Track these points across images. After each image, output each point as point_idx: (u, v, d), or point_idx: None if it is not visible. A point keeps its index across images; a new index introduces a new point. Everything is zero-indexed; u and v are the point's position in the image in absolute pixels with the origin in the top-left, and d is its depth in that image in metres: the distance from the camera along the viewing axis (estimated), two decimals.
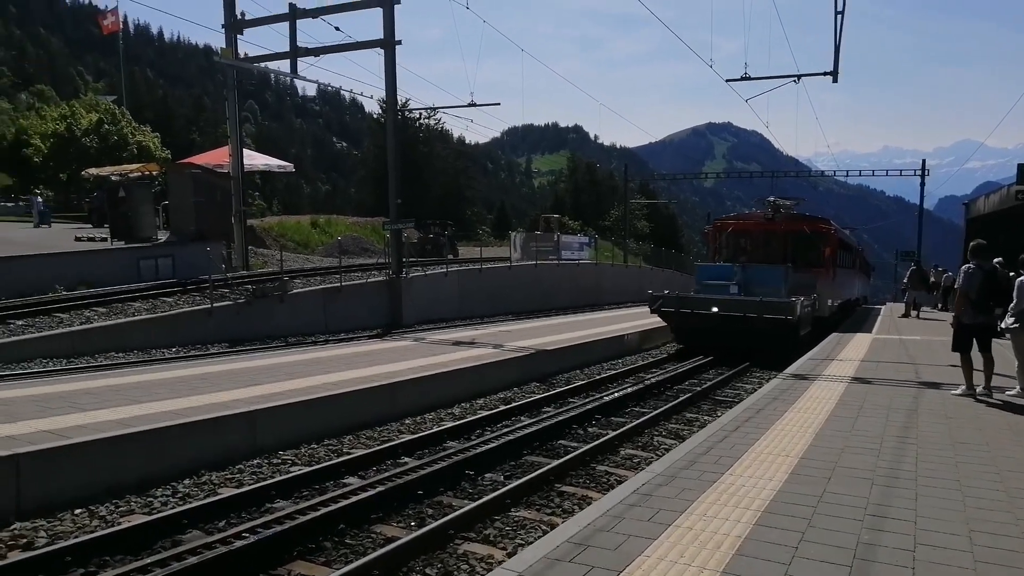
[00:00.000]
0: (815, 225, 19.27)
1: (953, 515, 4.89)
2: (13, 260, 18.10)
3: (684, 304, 16.33)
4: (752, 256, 19.19)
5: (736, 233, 20.16)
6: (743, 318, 15.35)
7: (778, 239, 19.10)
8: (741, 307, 15.58)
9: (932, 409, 8.50)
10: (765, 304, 15.21)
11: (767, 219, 19.31)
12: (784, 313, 15.05)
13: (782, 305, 15.21)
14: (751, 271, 17.06)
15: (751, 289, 16.46)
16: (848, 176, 49.71)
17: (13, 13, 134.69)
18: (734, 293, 16.47)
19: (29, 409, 7.78)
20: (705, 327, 16.05)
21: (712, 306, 15.83)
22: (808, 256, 18.79)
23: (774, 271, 16.95)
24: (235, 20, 23.76)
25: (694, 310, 16.11)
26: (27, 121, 59.04)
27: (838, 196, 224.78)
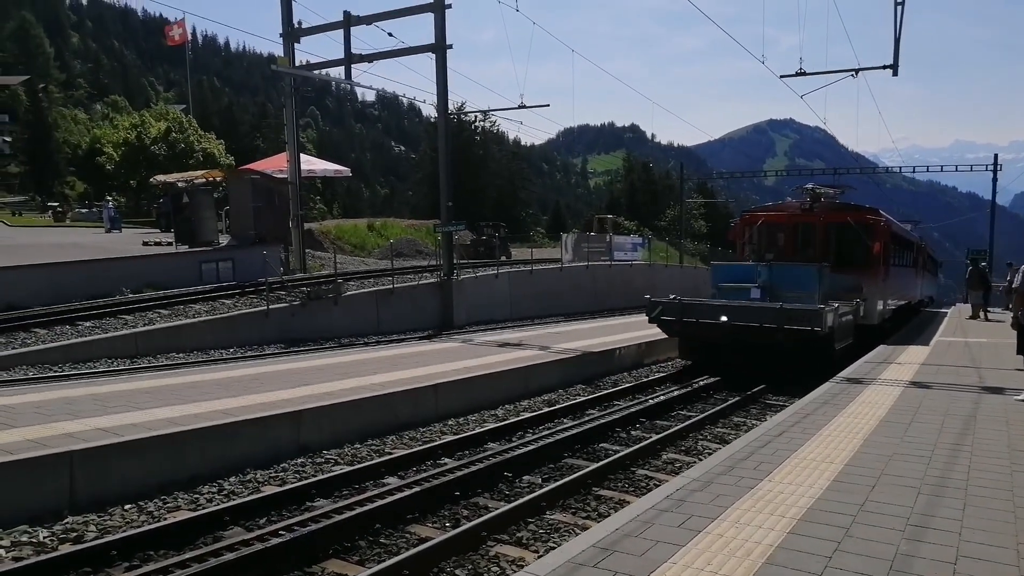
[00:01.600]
0: (861, 216, 16.24)
1: (1002, 526, 4.66)
2: (84, 264, 18.94)
3: (688, 312, 13.50)
4: (785, 254, 16.57)
5: (767, 227, 17.24)
6: (759, 330, 12.59)
7: (816, 233, 16.43)
8: (755, 316, 12.68)
9: (992, 415, 8.12)
10: (785, 312, 12.35)
11: (803, 210, 16.65)
12: (809, 323, 12.13)
13: (806, 314, 12.22)
14: (778, 271, 14.36)
15: (778, 293, 13.88)
16: (916, 172, 47.84)
17: (89, 28, 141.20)
18: (756, 298, 13.87)
19: (89, 407, 8.13)
20: (715, 341, 13.52)
21: (721, 315, 12.98)
22: (853, 253, 16.11)
23: (806, 271, 14.28)
24: (292, 29, 24.39)
25: (700, 319, 13.32)
26: (101, 130, 61.83)
27: (906, 193, 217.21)
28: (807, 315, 12.21)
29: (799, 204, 17.10)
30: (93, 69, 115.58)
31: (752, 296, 13.99)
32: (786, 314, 12.34)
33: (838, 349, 13.37)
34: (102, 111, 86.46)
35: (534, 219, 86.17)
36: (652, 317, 13.97)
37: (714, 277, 15.43)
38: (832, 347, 13.04)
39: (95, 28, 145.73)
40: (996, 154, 40.24)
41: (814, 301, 13.18)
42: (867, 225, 16.07)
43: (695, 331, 13.65)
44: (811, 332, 12.09)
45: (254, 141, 78.96)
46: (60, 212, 46.07)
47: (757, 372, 12.90)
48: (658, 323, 14.06)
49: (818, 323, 12.10)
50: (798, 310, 12.34)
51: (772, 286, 14.12)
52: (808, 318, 12.19)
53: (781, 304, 12.61)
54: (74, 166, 68.29)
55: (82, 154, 64.20)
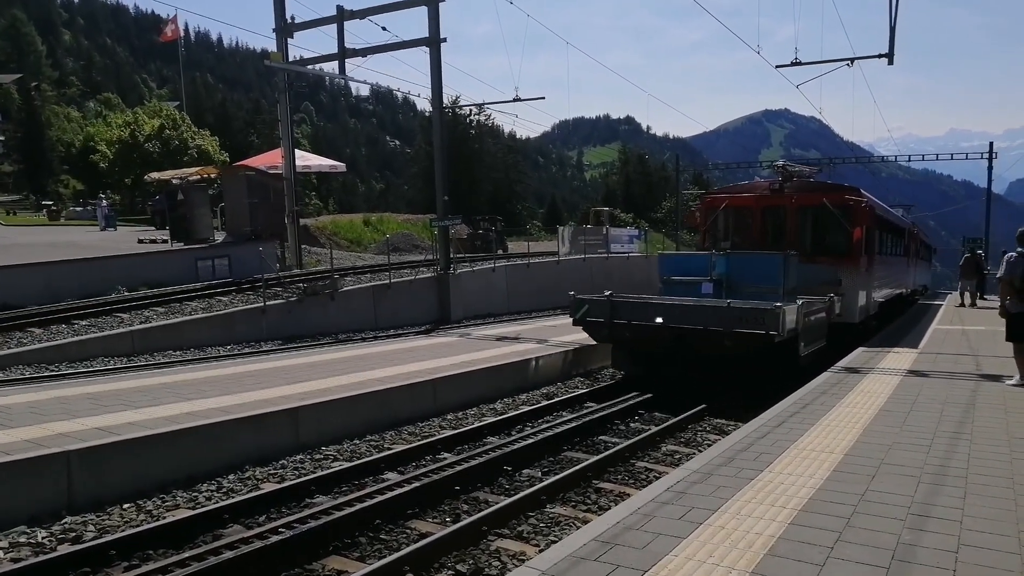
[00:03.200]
0: (838, 196, 14.06)
1: (1003, 514, 4.65)
2: (79, 263, 18.86)
3: (618, 312, 11.20)
4: (753, 241, 14.61)
5: (732, 211, 15.15)
6: (702, 334, 10.35)
7: (788, 217, 14.36)
8: (697, 317, 10.44)
9: (991, 403, 8.13)
10: (733, 312, 10.15)
11: (773, 191, 14.55)
12: (763, 325, 9.87)
13: (759, 314, 9.94)
14: (737, 262, 12.33)
15: (736, 288, 12.05)
16: (911, 161, 47.78)
17: (81, 25, 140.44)
18: (707, 293, 12.02)
19: (84, 406, 8.09)
20: (653, 347, 11.25)
21: (656, 315, 10.76)
22: (830, 239, 14.18)
23: (768, 261, 12.17)
24: (285, 24, 24.24)
25: (632, 321, 11.03)
26: (94, 128, 61.56)
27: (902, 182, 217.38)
28: (760, 315, 9.91)
29: (768, 184, 15.07)
30: (85, 67, 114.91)
31: (703, 291, 12.05)
32: (735, 314, 10.09)
33: (806, 355, 11.22)
34: (95, 109, 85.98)
35: (530, 212, 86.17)
36: (577, 319, 11.66)
37: (661, 269, 13.24)
38: (797, 354, 10.82)
39: (87, 25, 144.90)
40: (991, 142, 40.26)
41: (778, 297, 11.32)
42: (846, 207, 13.91)
43: (627, 336, 11.30)
44: (766, 336, 9.83)
45: (248, 137, 78.73)
46: (54, 211, 45.95)
47: (705, 386, 10.81)
48: (584, 326, 11.77)
49: (774, 325, 9.76)
50: (749, 309, 10.05)
51: (729, 280, 12.17)
52: (761, 319, 9.89)
53: (728, 302, 10.43)
54: (68, 164, 68.11)
55: (76, 152, 63.98)
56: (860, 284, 14.23)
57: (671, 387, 10.97)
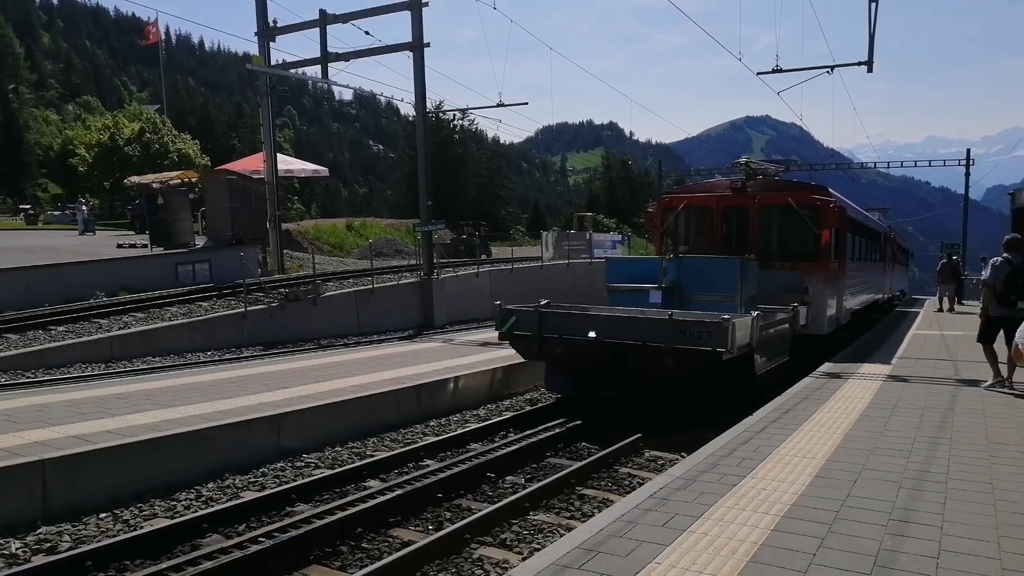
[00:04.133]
0: (805, 196, 13.00)
1: (983, 519, 4.69)
2: (56, 267, 18.60)
3: (548, 325, 9.76)
4: (712, 245, 13.48)
5: (690, 212, 14.03)
6: (640, 351, 8.96)
7: (750, 219, 13.31)
8: (634, 330, 9.06)
9: (969, 407, 8.21)
10: (675, 326, 8.75)
11: (734, 190, 13.47)
12: (709, 340, 8.55)
13: (704, 328, 8.64)
14: (689, 267, 11.21)
15: (688, 296, 11.00)
16: (890, 167, 48.43)
17: (60, 27, 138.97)
18: (656, 303, 10.80)
19: (61, 414, 7.96)
20: (589, 366, 9.77)
21: (588, 328, 9.34)
22: (795, 243, 13.17)
23: (724, 266, 11.05)
24: (267, 27, 24.13)
25: (564, 335, 9.60)
26: (73, 132, 60.92)
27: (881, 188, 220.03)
28: (705, 329, 8.60)
29: (729, 183, 13.91)
30: (64, 69, 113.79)
31: (651, 301, 10.86)
32: (677, 328, 8.71)
33: (763, 372, 9.97)
34: (74, 112, 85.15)
35: (514, 217, 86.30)
36: (503, 333, 10.17)
37: (608, 275, 12.16)
38: (752, 373, 9.53)
39: (66, 28, 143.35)
40: (968, 149, 40.84)
41: (734, 307, 10.32)
42: (812, 207, 12.82)
43: (559, 353, 9.81)
44: (712, 353, 8.48)
45: (230, 141, 78.25)
46: (32, 215, 45.33)
47: (646, 411, 9.69)
48: (511, 342, 10.32)
49: (722, 340, 8.43)
50: (693, 322, 8.75)
51: (681, 288, 11.07)
52: (707, 333, 8.57)
53: (670, 313, 9.02)
54: (46, 168, 67.34)
55: (54, 156, 63.32)
56: (829, 292, 13.03)
57: (607, 412, 9.85)
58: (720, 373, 8.97)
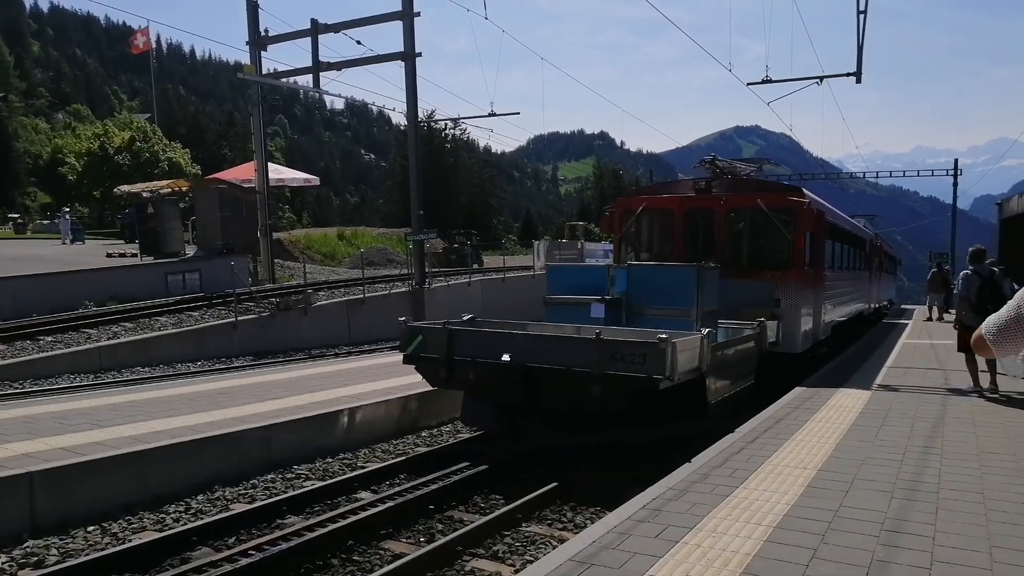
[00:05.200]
0: (776, 197, 11.71)
1: (974, 530, 4.70)
2: (44, 277, 18.49)
3: (458, 346, 8.17)
4: (674, 251, 12.19)
5: (651, 215, 12.76)
6: (563, 377, 7.44)
7: (716, 223, 12.04)
8: (555, 352, 7.62)
9: (960, 417, 8.25)
10: (604, 348, 7.24)
11: (698, 191, 12.23)
12: (643, 365, 7.05)
13: (635, 350, 7.15)
14: (640, 276, 9.91)
15: (638, 309, 9.70)
16: (879, 177, 48.90)
17: (50, 36, 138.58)
18: (598, 318, 9.47)
19: (49, 426, 7.89)
20: (506, 396, 8.16)
21: (503, 350, 7.77)
22: (766, 249, 11.97)
23: (678, 275, 9.65)
24: (259, 37, 24.16)
25: (476, 358, 8.04)
26: (63, 140, 60.68)
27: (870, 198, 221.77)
28: (639, 351, 7.07)
29: (693, 183, 12.60)
30: (54, 78, 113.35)
31: (593, 316, 9.51)
32: (604, 350, 7.18)
33: (720, 400, 8.55)
34: (64, 120, 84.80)
35: (505, 226, 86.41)
36: (408, 355, 8.57)
37: (549, 286, 10.79)
38: (703, 401, 8.02)
39: (56, 36, 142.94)
40: (956, 159, 41.24)
41: (689, 322, 9.05)
42: (785, 209, 11.50)
43: (471, 379, 8.22)
44: (647, 380, 6.96)
45: (221, 150, 78.10)
46: (21, 224, 45.05)
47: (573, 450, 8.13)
48: (417, 366, 8.65)
49: (658, 364, 6.93)
50: (625, 343, 7.29)
51: (630, 300, 9.78)
52: (640, 357, 7.04)
53: (598, 332, 7.45)
54: (35, 177, 66.93)
55: (43, 164, 62.98)
56: (804, 304, 11.72)
57: (531, 451, 8.22)
58: (660, 403, 7.42)
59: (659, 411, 7.58)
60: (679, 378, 7.18)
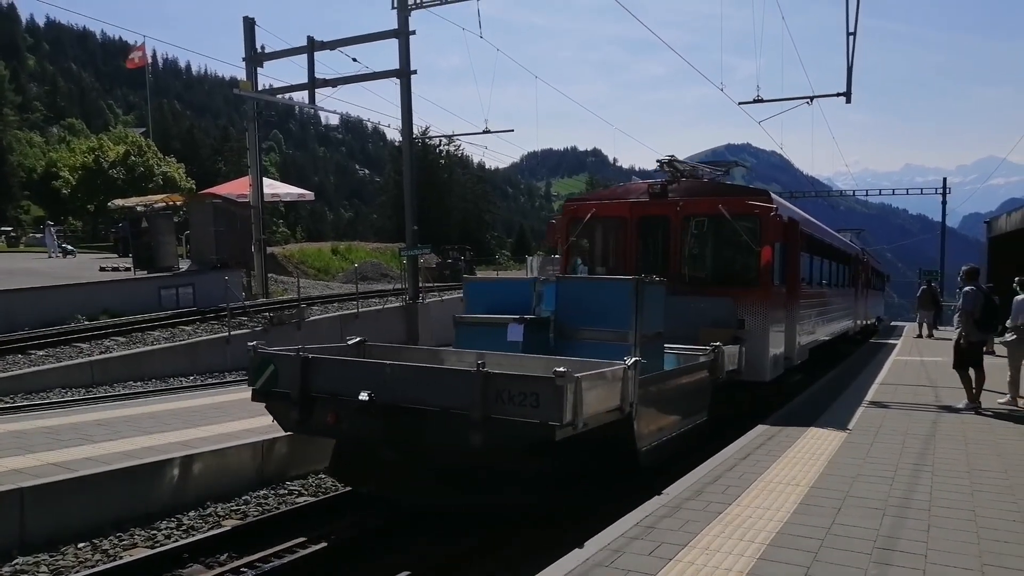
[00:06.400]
0: (740, 203, 10.34)
1: (966, 547, 4.73)
2: (37, 291, 18.42)
3: (315, 379, 6.44)
4: (624, 264, 10.94)
5: (600, 223, 11.44)
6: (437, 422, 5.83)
7: (672, 231, 10.74)
8: (424, 390, 5.92)
9: (950, 434, 8.29)
10: (482, 386, 5.57)
11: (653, 195, 10.91)
12: (531, 408, 5.44)
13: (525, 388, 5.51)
14: (570, 291, 8.48)
15: (570, 332, 8.24)
16: (869, 195, 49.33)
17: (46, 50, 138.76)
18: (516, 340, 7.97)
19: (40, 441, 7.84)
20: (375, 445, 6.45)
21: (361, 385, 6.04)
22: (728, 261, 10.80)
23: (614, 291, 8.08)
24: (255, 54, 24.28)
25: (338, 395, 6.27)
26: (57, 154, 60.60)
27: (860, 215, 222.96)
28: (529, 390, 5.46)
29: (647, 187, 11.22)
30: (50, 92, 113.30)
31: (510, 339, 7.99)
32: (488, 387, 5.54)
33: (654, 447, 7.04)
34: (59, 134, 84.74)
35: (499, 242, 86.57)
36: (257, 389, 6.80)
37: (467, 303, 9.34)
38: (631, 449, 6.56)
39: (52, 51, 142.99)
40: (944, 178, 41.66)
41: (625, 348, 7.45)
42: (749, 216, 10.23)
43: (328, 423, 6.30)
44: (541, 428, 5.34)
45: (216, 165, 78.10)
46: (14, 237, 44.92)
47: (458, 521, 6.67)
48: (267, 403, 6.81)
49: (553, 408, 5.32)
50: (513, 379, 5.64)
51: (560, 319, 8.36)
52: (532, 397, 5.43)
53: (480, 363, 5.71)
54: (29, 190, 66.75)
55: (37, 178, 62.87)
56: (774, 325, 10.34)
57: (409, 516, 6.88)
58: (568, 457, 5.96)
59: (567, 466, 6.12)
60: (588, 423, 5.61)
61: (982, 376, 9.95)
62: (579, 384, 5.49)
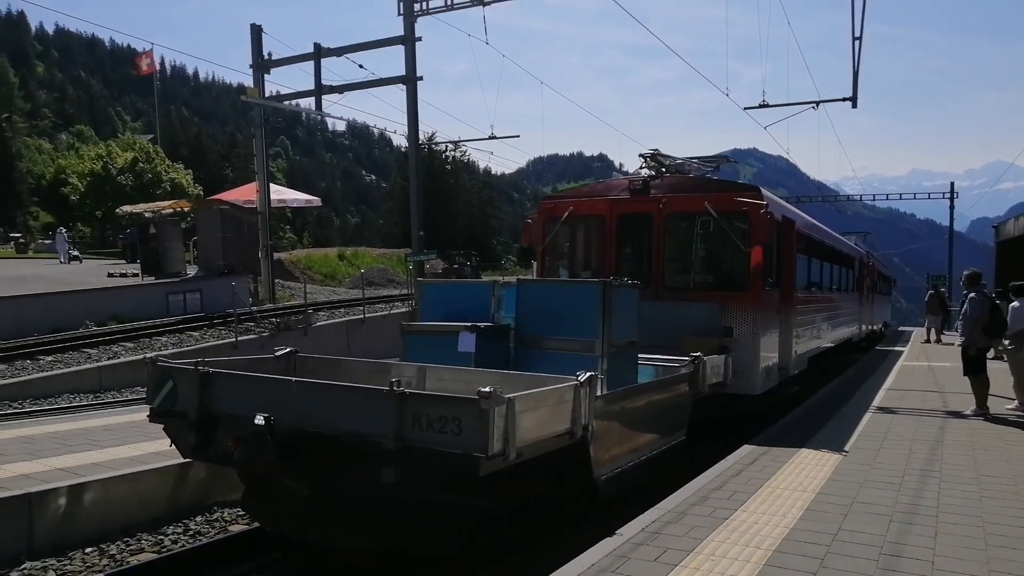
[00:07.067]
0: (727, 199, 9.54)
1: (973, 554, 4.71)
2: (46, 297, 18.52)
3: (215, 398, 5.42)
4: (603, 266, 10.20)
5: (580, 222, 10.76)
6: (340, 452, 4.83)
7: (653, 231, 10.01)
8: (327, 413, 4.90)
9: (958, 440, 8.26)
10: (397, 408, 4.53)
11: (634, 191, 10.13)
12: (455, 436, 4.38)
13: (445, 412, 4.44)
14: (533, 295, 7.51)
15: (532, 341, 7.30)
16: (876, 200, 49.20)
17: (55, 57, 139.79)
18: (469, 353, 7.02)
19: (48, 446, 7.88)
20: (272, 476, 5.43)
21: (257, 406, 5.00)
22: (716, 263, 10.10)
23: (579, 295, 7.14)
24: (262, 60, 24.40)
25: (237, 417, 5.14)
26: (66, 161, 61.03)
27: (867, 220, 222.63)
28: (450, 415, 4.47)
29: (628, 183, 10.42)
30: (59, 99, 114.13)
31: (461, 349, 7.06)
32: (404, 409, 4.59)
33: (616, 473, 6.14)
34: (67, 141, 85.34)
35: (505, 247, 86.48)
36: (155, 409, 5.78)
37: (420, 309, 8.35)
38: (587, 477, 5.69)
39: (61, 58, 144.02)
40: (952, 182, 41.54)
41: (594, 358, 6.72)
42: (738, 214, 9.46)
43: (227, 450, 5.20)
44: (462, 461, 4.40)
45: (223, 171, 78.43)
46: (23, 243, 45.22)
47: None
48: (166, 423, 5.78)
49: (477, 437, 4.35)
50: (432, 400, 4.75)
51: (522, 327, 7.44)
52: (454, 422, 4.45)
53: (393, 382, 4.65)
54: (38, 197, 67.23)
55: (46, 184, 63.32)
56: (765, 332, 9.57)
57: None
58: (505, 490, 5.06)
59: (505, 502, 5.25)
60: (525, 452, 4.67)
61: (986, 380, 9.98)
62: (511, 406, 4.49)
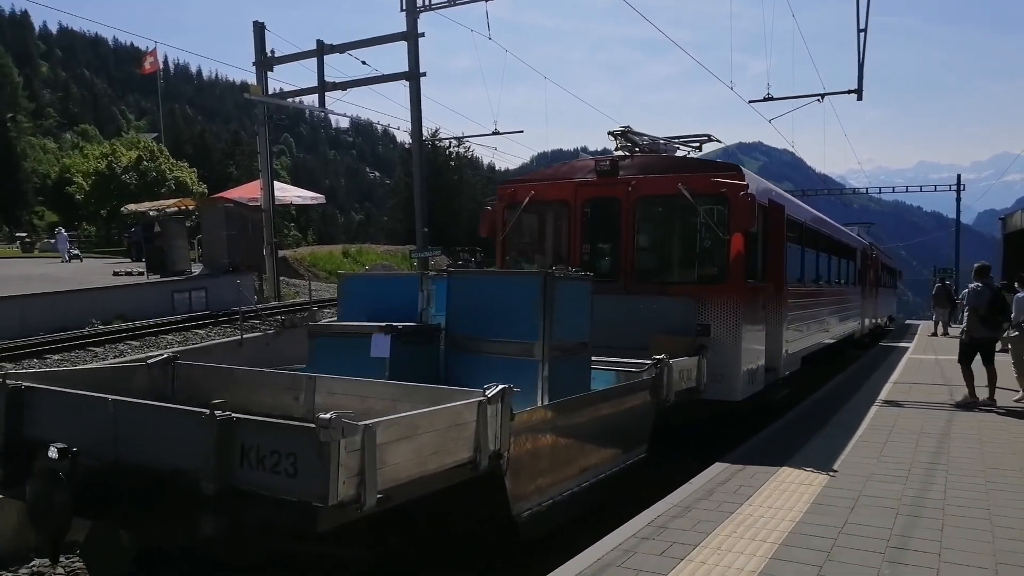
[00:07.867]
0: (704, 180, 8.46)
1: (980, 546, 4.69)
2: (51, 295, 18.58)
3: (23, 421, 4.46)
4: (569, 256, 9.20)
5: (541, 208, 9.72)
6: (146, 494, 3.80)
7: (622, 217, 8.95)
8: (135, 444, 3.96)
9: (965, 433, 8.23)
10: (217, 438, 3.50)
11: (601, 172, 9.14)
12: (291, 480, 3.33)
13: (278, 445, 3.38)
14: (468, 290, 6.60)
15: (467, 344, 6.38)
16: (882, 192, 49.04)
17: (59, 56, 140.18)
18: (384, 358, 6.12)
19: None
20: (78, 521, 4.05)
21: (71, 437, 3.90)
22: (691, 252, 9.02)
23: (517, 289, 6.26)
24: (265, 58, 24.38)
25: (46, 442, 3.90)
26: (71, 160, 61.21)
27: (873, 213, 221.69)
28: (284, 447, 3.39)
29: (594, 164, 9.42)
30: (63, 98, 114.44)
31: (375, 354, 6.13)
32: (227, 440, 3.53)
33: (547, 508, 5.23)
34: (72, 140, 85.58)
35: None
36: None
37: (340, 307, 7.71)
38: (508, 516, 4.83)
39: (65, 57, 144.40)
40: (959, 174, 41.33)
41: (534, 362, 5.88)
42: (715, 196, 8.40)
43: None
44: (299, 513, 3.29)
45: (227, 169, 78.56)
46: (28, 242, 45.39)
47: None
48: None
49: (316, 479, 3.25)
50: (263, 428, 3.62)
51: (453, 327, 6.57)
52: (289, 459, 3.35)
53: (213, 405, 3.63)
54: (43, 196, 67.51)
55: (51, 184, 63.56)
56: (749, 330, 8.51)
57: None
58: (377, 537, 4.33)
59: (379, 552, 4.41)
60: (394, 496, 3.69)
61: (994, 373, 9.98)
62: (369, 436, 3.42)
